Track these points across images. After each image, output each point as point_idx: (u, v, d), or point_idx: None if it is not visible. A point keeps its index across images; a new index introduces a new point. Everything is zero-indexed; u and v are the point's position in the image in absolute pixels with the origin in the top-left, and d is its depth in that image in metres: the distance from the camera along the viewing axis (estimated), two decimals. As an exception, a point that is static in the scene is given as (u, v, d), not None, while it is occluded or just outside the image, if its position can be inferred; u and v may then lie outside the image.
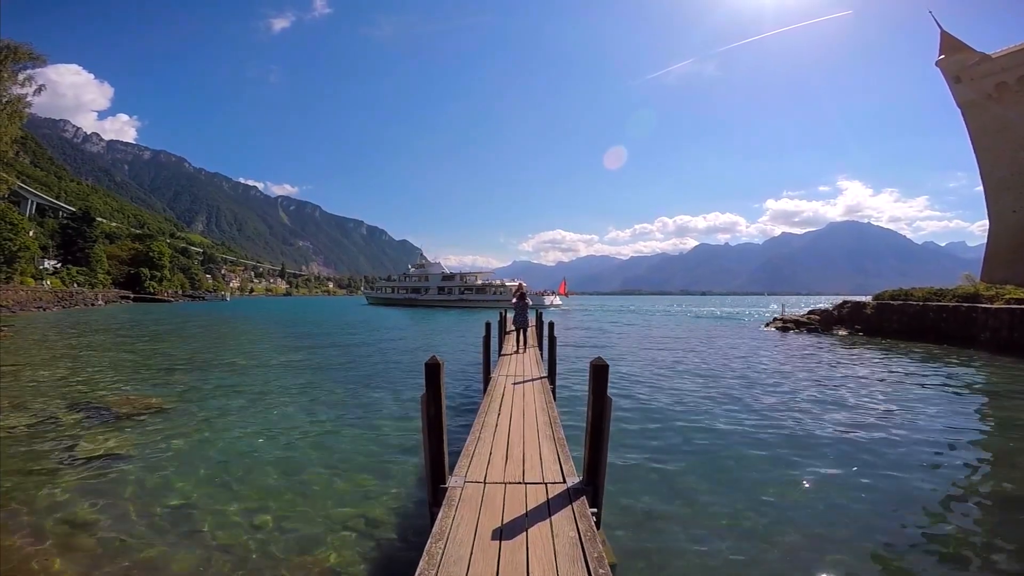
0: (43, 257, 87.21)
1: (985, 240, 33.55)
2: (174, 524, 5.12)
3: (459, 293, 78.60)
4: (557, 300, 74.02)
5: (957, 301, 22.96)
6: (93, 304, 66.15)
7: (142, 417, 9.13)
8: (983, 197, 33.31)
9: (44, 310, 49.23)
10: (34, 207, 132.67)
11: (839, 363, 16.65)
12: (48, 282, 73.96)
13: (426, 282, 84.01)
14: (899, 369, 15.37)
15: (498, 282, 78.61)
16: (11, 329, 26.89)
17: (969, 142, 33.43)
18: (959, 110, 33.51)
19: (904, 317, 24.58)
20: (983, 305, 21.02)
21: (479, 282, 79.41)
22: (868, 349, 20.68)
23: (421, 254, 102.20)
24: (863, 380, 13.46)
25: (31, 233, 74.57)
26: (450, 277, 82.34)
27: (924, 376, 14.08)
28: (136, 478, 6.30)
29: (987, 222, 33.19)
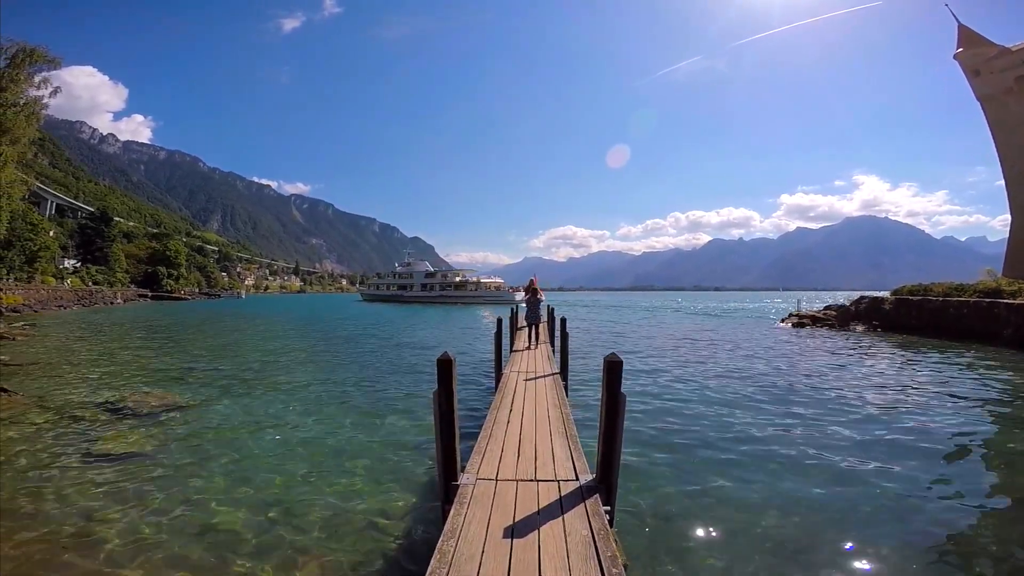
0: (63, 256, 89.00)
1: (1006, 235, 32.85)
2: (189, 521, 5.16)
3: (440, 290, 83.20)
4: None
5: (978, 297, 22.48)
6: (112, 302, 67.18)
7: (160, 415, 9.23)
8: (1004, 191, 32.62)
9: (65, 309, 50.06)
10: (53, 207, 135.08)
11: (857, 359, 16.39)
12: (68, 281, 75.33)
13: (411, 279, 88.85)
14: (919, 366, 15.09)
15: (475, 279, 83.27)
16: (33, 328, 27.39)
17: (989, 136, 32.74)
18: (978, 104, 32.81)
19: (924, 313, 24.15)
20: (1005, 300, 20.56)
21: (458, 279, 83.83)
22: (887, 345, 20.34)
23: (408, 254, 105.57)
24: (882, 377, 13.23)
25: (51, 233, 76.15)
26: (432, 274, 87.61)
27: (945, 373, 13.80)
28: (153, 475, 6.37)
29: (1008, 216, 32.48)
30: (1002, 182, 32.61)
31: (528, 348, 13.01)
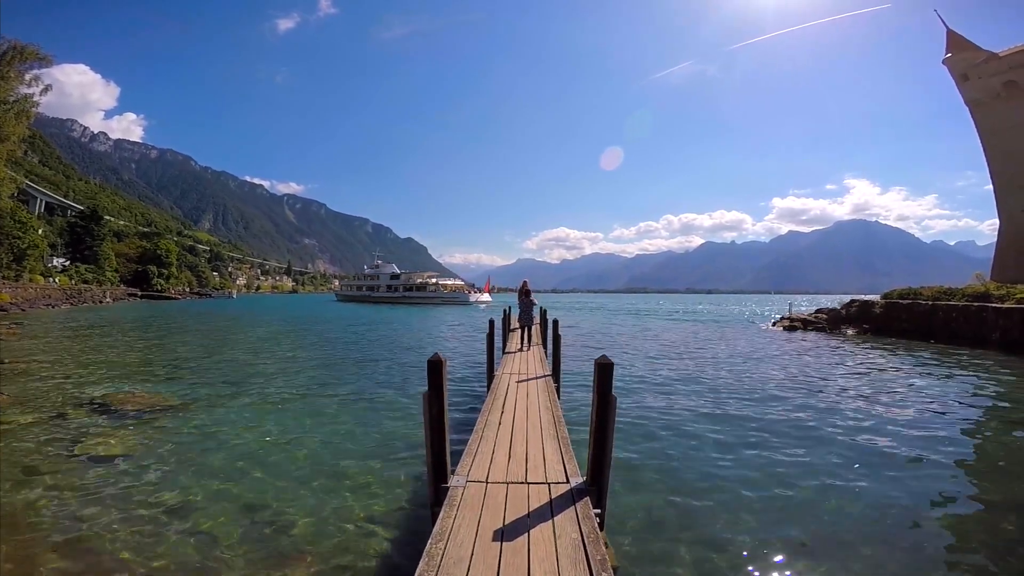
0: (52, 255, 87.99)
1: (995, 239, 33.19)
2: (176, 522, 5.10)
3: (403, 291, 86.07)
4: (484, 297, 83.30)
5: (967, 300, 22.68)
6: (101, 302, 66.52)
7: (148, 415, 9.13)
8: (992, 196, 32.96)
9: (53, 307, 49.48)
10: (43, 206, 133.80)
11: (847, 363, 16.49)
12: (57, 280, 74.47)
13: (377, 281, 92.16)
14: (908, 369, 15.20)
15: (434, 281, 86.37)
16: (20, 326, 27.07)
17: (978, 141, 33.09)
18: (967, 108, 33.15)
19: (913, 316, 24.33)
20: (994, 305, 20.74)
21: (419, 281, 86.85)
22: (877, 349, 20.46)
23: (375, 257, 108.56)
24: (872, 381, 13.31)
25: (40, 231, 74.99)
26: (396, 276, 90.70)
27: (934, 377, 13.90)
28: (140, 476, 6.30)
29: (997, 221, 32.84)
30: (991, 186, 32.98)
31: (521, 350, 12.98)
